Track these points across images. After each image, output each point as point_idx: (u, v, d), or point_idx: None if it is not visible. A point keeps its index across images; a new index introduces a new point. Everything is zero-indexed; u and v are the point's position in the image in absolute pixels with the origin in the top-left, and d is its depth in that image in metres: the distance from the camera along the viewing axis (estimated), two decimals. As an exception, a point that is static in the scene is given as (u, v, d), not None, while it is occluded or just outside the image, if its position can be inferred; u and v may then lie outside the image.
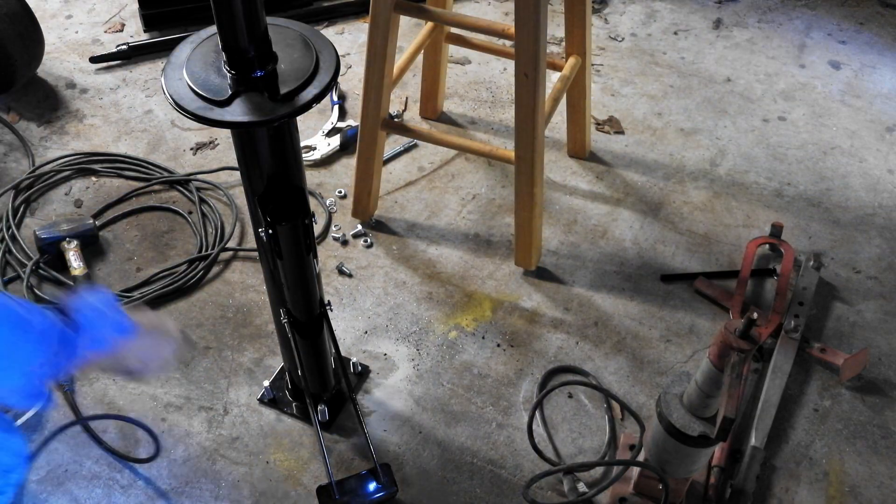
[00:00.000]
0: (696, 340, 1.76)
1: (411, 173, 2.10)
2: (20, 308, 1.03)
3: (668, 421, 1.25)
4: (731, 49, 2.48)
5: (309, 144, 2.12)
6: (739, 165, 2.13)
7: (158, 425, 1.60)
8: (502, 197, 2.04)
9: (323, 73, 1.11)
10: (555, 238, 1.95)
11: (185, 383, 1.67)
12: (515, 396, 1.67)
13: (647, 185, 2.08)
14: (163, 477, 1.54)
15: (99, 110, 2.25)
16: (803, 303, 1.78)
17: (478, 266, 1.89)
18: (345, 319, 1.78)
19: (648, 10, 2.62)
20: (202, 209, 1.99)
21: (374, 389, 1.67)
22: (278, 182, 1.22)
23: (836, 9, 2.63)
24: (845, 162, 2.15)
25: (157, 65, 2.39)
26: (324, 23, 2.55)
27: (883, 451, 1.59)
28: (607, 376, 1.70)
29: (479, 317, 1.80)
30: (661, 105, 2.30)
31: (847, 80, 2.37)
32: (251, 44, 1.06)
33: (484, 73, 2.39)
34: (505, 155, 1.75)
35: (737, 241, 1.95)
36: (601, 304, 1.82)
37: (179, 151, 2.15)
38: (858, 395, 1.67)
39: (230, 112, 1.06)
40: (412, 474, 1.55)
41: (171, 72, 1.10)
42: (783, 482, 1.55)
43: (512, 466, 1.56)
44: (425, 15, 1.67)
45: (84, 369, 1.59)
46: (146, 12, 2.49)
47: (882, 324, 1.80)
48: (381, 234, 1.96)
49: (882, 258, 1.93)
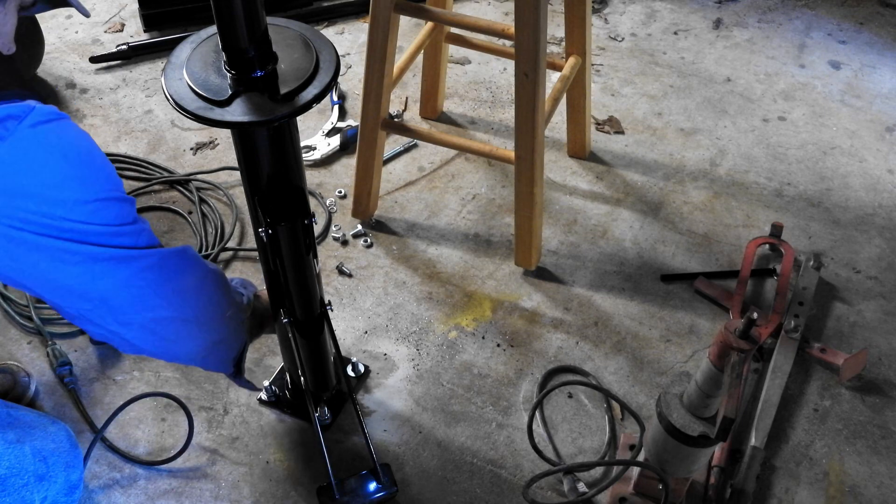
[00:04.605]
0: (696, 340, 1.76)
1: (411, 173, 2.10)
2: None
3: (668, 421, 1.25)
4: (731, 49, 2.48)
5: (309, 144, 2.12)
6: (739, 165, 2.13)
7: (158, 425, 1.61)
8: (502, 197, 2.04)
9: (323, 73, 1.11)
10: (555, 238, 1.95)
11: (185, 383, 1.67)
12: (515, 396, 1.67)
13: (647, 185, 2.08)
14: (163, 477, 1.54)
15: (99, 110, 2.25)
16: (803, 303, 1.78)
17: (478, 266, 1.89)
18: (345, 319, 1.78)
19: (648, 10, 2.62)
20: (202, 209, 1.99)
21: (374, 389, 1.67)
22: (278, 182, 1.22)
23: (836, 9, 2.63)
24: (845, 162, 2.15)
25: (157, 65, 2.39)
26: (324, 23, 2.55)
27: (883, 451, 1.59)
28: (607, 376, 1.70)
29: (479, 317, 1.80)
30: (661, 105, 2.30)
31: (847, 80, 2.38)
32: (251, 44, 1.06)
33: (484, 73, 2.39)
34: (505, 155, 1.75)
35: (737, 241, 1.95)
36: (601, 304, 1.82)
37: (179, 151, 2.15)
38: (858, 395, 1.67)
39: (230, 112, 1.06)
40: (412, 474, 1.55)
41: (171, 72, 1.10)
42: (783, 482, 1.55)
43: (512, 466, 1.56)
44: (425, 15, 1.67)
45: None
46: (146, 12, 2.49)
47: (882, 324, 1.80)
48: (381, 234, 1.96)
49: (882, 258, 1.93)
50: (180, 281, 1.17)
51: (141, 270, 1.10)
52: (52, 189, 1.02)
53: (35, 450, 1.34)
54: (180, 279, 1.17)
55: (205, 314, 1.23)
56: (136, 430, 1.60)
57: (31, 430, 1.37)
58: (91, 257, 1.06)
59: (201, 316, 1.22)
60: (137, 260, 1.10)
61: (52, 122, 1.05)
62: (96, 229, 1.05)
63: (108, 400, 1.64)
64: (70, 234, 1.04)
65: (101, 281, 1.08)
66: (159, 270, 1.13)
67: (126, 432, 1.60)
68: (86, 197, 1.05)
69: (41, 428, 1.39)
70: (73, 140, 1.07)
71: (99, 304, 1.10)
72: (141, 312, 1.14)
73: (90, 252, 1.05)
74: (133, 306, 1.13)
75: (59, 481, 1.36)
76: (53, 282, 1.07)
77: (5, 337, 1.74)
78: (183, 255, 1.18)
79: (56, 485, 1.35)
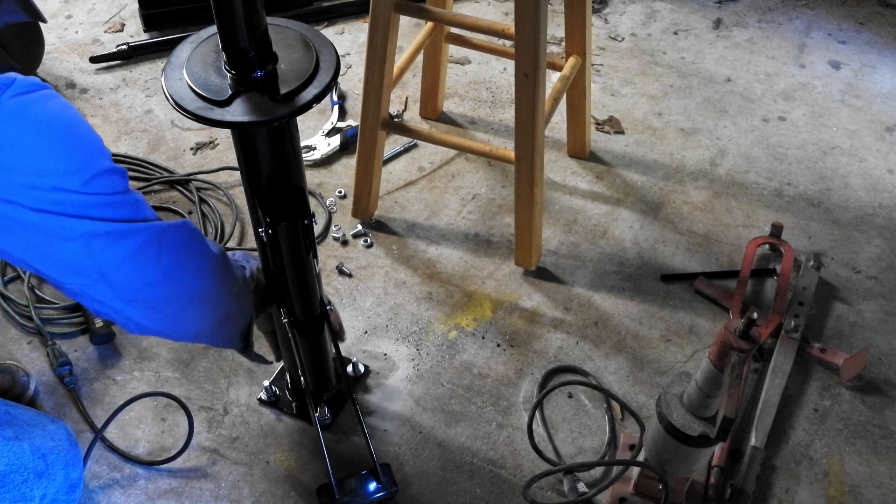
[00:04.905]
0: (696, 340, 1.76)
1: (411, 173, 2.10)
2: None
3: (668, 421, 1.25)
4: (731, 49, 2.48)
5: (309, 144, 2.12)
6: (739, 165, 2.13)
7: (158, 425, 1.61)
8: (502, 197, 2.04)
9: (323, 73, 1.11)
10: (555, 238, 1.95)
11: (185, 383, 1.67)
12: (515, 396, 1.67)
13: (647, 185, 2.08)
14: (163, 477, 1.54)
15: (99, 110, 2.25)
16: (803, 303, 1.78)
17: (478, 266, 1.89)
18: (345, 319, 1.78)
19: (648, 10, 2.62)
20: (202, 209, 1.99)
21: (374, 389, 1.67)
22: (278, 182, 1.22)
23: (836, 9, 2.63)
24: (845, 162, 2.15)
25: (157, 65, 2.39)
26: (324, 23, 2.55)
27: (883, 451, 1.59)
28: (607, 376, 1.70)
29: (479, 317, 1.80)
30: (661, 105, 2.30)
31: (847, 80, 2.38)
32: (251, 44, 1.06)
33: (484, 73, 2.39)
34: (505, 155, 1.75)
35: (737, 241, 1.95)
36: (601, 304, 1.82)
37: (179, 151, 2.15)
38: (858, 395, 1.67)
39: (230, 112, 1.06)
40: (412, 474, 1.55)
41: (171, 72, 1.10)
42: (783, 482, 1.55)
43: (512, 466, 1.56)
44: (425, 15, 1.67)
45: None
46: (146, 12, 2.49)
47: (882, 324, 1.80)
48: (381, 234, 1.96)
49: (882, 258, 1.93)
50: (181, 256, 1.14)
51: (140, 246, 1.08)
52: (40, 160, 0.99)
53: (34, 447, 1.34)
54: (181, 254, 1.14)
55: (208, 289, 1.20)
56: (136, 430, 1.60)
57: (29, 427, 1.37)
58: (88, 233, 1.03)
59: (205, 291, 1.20)
60: (135, 235, 1.07)
61: (35, 93, 1.01)
62: (90, 199, 1.02)
63: (108, 400, 1.64)
64: (63, 207, 1.00)
65: (99, 256, 1.05)
66: (159, 245, 1.10)
67: (126, 432, 1.60)
68: (75, 166, 1.01)
69: (40, 426, 1.39)
70: (57, 110, 1.03)
71: (98, 279, 1.08)
72: (142, 289, 1.11)
73: (86, 227, 1.03)
74: (133, 283, 1.10)
75: (58, 479, 1.36)
76: (50, 257, 1.05)
77: (5, 337, 1.74)
78: (182, 229, 1.14)
79: (56, 482, 1.35)
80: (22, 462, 1.30)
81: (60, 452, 1.38)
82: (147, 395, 1.63)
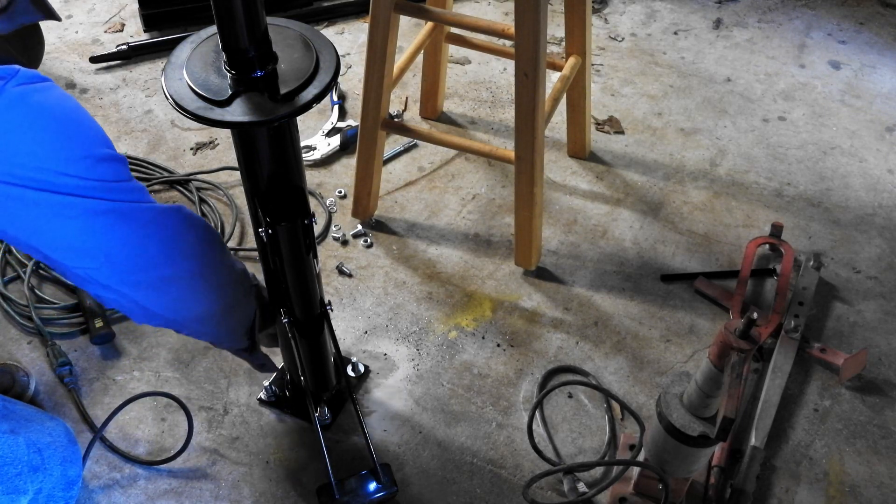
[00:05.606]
0: (696, 340, 1.76)
1: (411, 173, 2.10)
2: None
3: (668, 421, 1.25)
4: (731, 49, 2.48)
5: (309, 144, 2.12)
6: (739, 165, 2.13)
7: (158, 425, 1.61)
8: (502, 197, 2.04)
9: (323, 73, 1.11)
10: (555, 238, 1.95)
11: (185, 383, 1.67)
12: (515, 396, 1.67)
13: (647, 185, 2.08)
14: (163, 477, 1.54)
15: (99, 110, 2.25)
16: (803, 303, 1.78)
17: (478, 266, 1.90)
18: (345, 319, 1.78)
19: (648, 10, 2.62)
20: (202, 209, 1.99)
21: (374, 389, 1.67)
22: (278, 182, 1.22)
23: (836, 9, 2.63)
24: (845, 162, 2.15)
25: (157, 65, 2.39)
26: (324, 23, 2.56)
27: (883, 451, 1.59)
28: (607, 376, 1.70)
29: (479, 317, 1.80)
30: (661, 105, 2.30)
31: (847, 80, 2.38)
32: (251, 44, 1.06)
33: (484, 73, 2.39)
34: (505, 155, 1.75)
35: (737, 241, 1.95)
36: (601, 304, 1.82)
37: (179, 151, 2.15)
38: (858, 395, 1.67)
39: (230, 112, 1.06)
40: (412, 474, 1.55)
41: (171, 72, 1.10)
42: (783, 482, 1.55)
43: (512, 466, 1.56)
44: (425, 15, 1.67)
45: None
46: (146, 12, 2.49)
47: (882, 324, 1.80)
48: (381, 234, 1.96)
49: (882, 258, 1.93)
50: (183, 236, 1.17)
51: (142, 226, 1.10)
52: (45, 146, 1.02)
53: (30, 441, 1.34)
54: (182, 234, 1.17)
55: (210, 272, 1.23)
56: (136, 429, 1.60)
57: (27, 422, 1.37)
58: (90, 210, 1.05)
59: (206, 273, 1.22)
60: (137, 214, 1.10)
61: (37, 84, 1.05)
62: (93, 184, 1.05)
63: (108, 400, 1.64)
64: (67, 189, 1.03)
65: (103, 236, 1.08)
66: (161, 226, 1.13)
67: (126, 432, 1.60)
68: (79, 153, 1.05)
69: (38, 422, 1.39)
70: (60, 100, 1.07)
71: (103, 261, 1.10)
72: (146, 270, 1.14)
73: (89, 205, 1.05)
74: (137, 264, 1.13)
75: (54, 475, 1.36)
76: (56, 240, 1.07)
77: (5, 337, 1.74)
78: (180, 212, 1.17)
79: (52, 478, 1.35)
80: (16, 455, 1.31)
81: (57, 448, 1.38)
82: (147, 394, 1.63)
